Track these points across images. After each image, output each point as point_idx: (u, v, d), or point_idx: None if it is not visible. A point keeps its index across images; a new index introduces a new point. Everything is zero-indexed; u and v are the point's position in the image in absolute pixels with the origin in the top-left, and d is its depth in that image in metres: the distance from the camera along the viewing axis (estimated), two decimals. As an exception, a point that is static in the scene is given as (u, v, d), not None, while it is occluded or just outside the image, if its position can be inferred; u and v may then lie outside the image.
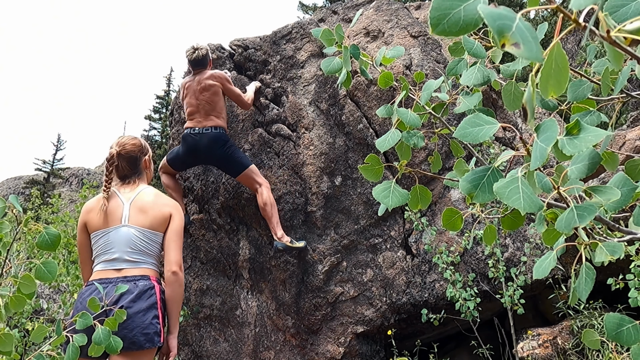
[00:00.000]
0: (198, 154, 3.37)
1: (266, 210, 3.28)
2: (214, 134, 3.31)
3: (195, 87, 3.40)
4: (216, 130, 3.32)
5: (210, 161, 3.43)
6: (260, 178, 3.37)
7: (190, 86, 3.43)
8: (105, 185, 2.12)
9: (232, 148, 3.36)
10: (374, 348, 3.39)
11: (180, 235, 2.09)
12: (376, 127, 3.46)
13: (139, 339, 1.85)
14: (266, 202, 3.27)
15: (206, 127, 3.33)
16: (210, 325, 3.70)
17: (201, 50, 3.43)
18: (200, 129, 3.33)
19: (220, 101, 3.40)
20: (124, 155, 2.18)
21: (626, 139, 3.87)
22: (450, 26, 0.49)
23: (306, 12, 15.46)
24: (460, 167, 1.17)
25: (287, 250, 3.25)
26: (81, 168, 19.21)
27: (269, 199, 3.29)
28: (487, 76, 1.11)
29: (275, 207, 3.31)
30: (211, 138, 3.30)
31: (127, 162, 2.19)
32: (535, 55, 0.46)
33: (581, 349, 2.93)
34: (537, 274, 0.88)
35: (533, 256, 3.09)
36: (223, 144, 3.32)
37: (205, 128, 3.33)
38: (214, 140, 3.30)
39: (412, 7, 4.42)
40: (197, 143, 3.33)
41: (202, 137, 3.31)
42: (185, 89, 3.49)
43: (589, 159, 0.75)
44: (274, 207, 3.30)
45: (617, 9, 0.66)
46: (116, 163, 2.17)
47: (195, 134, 3.33)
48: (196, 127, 3.35)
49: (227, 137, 3.39)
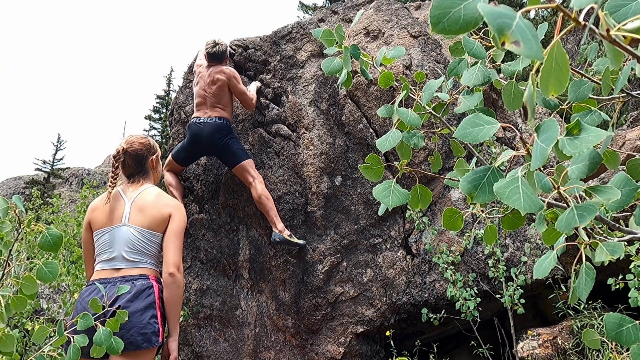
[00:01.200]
0: (201, 142, 3.47)
1: (262, 203, 3.33)
2: (217, 123, 3.44)
3: (206, 78, 3.56)
4: (220, 120, 3.46)
5: (212, 150, 3.52)
6: (255, 172, 3.43)
7: (203, 76, 3.59)
8: (110, 182, 2.12)
9: (233, 140, 3.46)
10: (374, 348, 3.39)
11: (179, 236, 2.07)
12: (376, 127, 3.46)
13: (136, 339, 1.84)
14: (260, 195, 3.33)
15: (211, 117, 3.48)
16: (210, 325, 3.70)
17: (221, 46, 3.61)
18: (205, 119, 3.47)
19: (226, 95, 3.53)
20: (131, 152, 2.18)
21: (626, 139, 3.87)
22: (450, 25, 0.49)
23: (306, 12, 15.46)
24: (461, 167, 1.17)
25: (284, 243, 3.26)
26: (81, 168, 19.19)
27: (263, 191, 3.35)
28: (488, 76, 1.11)
29: (271, 200, 3.36)
30: (214, 127, 3.43)
31: (133, 160, 2.19)
32: (535, 53, 0.46)
33: (581, 349, 2.93)
34: (537, 274, 0.88)
35: (533, 256, 3.09)
36: (225, 134, 3.44)
37: (209, 118, 3.47)
38: (216, 129, 3.42)
39: (412, 7, 4.42)
40: (200, 131, 3.45)
41: (205, 126, 3.44)
42: (198, 76, 3.65)
43: (590, 159, 0.75)
44: (269, 200, 3.35)
45: (617, 8, 0.66)
46: (122, 159, 2.17)
47: (200, 123, 3.47)
48: (201, 117, 3.49)
49: (230, 128, 3.50)
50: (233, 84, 3.51)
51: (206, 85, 3.53)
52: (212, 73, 3.53)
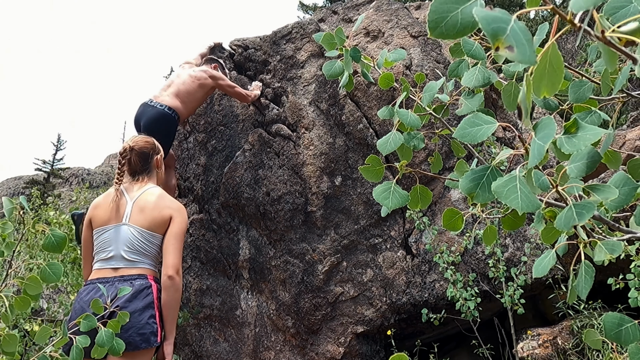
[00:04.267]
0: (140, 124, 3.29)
1: None
2: (164, 112, 3.23)
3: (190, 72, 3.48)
4: (169, 110, 3.25)
5: None
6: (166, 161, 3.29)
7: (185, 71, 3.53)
8: (116, 179, 2.14)
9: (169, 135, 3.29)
10: (374, 348, 3.39)
11: (179, 239, 2.07)
12: (376, 127, 3.46)
13: (134, 339, 1.83)
14: None
15: (162, 103, 3.27)
16: (210, 325, 3.71)
17: None
18: (156, 102, 3.27)
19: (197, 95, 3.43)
20: (137, 150, 2.21)
21: (626, 139, 3.87)
22: (448, 29, 0.50)
23: (306, 12, 15.46)
24: (461, 168, 1.18)
25: None
26: (81, 168, 19.17)
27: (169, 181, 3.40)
28: (488, 77, 1.11)
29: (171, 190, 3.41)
30: (159, 114, 3.22)
31: (138, 158, 2.21)
32: (528, 58, 0.46)
33: (581, 349, 2.94)
34: (537, 273, 0.88)
35: (533, 256, 3.10)
36: (167, 126, 3.25)
37: (160, 103, 3.26)
38: (161, 117, 3.21)
39: (412, 7, 4.42)
40: (144, 113, 3.26)
41: (152, 109, 3.24)
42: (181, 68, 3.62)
43: (588, 158, 0.75)
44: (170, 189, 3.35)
45: (616, 10, 0.66)
46: (128, 157, 2.20)
47: (149, 104, 3.27)
48: (153, 100, 3.30)
49: (175, 123, 3.31)
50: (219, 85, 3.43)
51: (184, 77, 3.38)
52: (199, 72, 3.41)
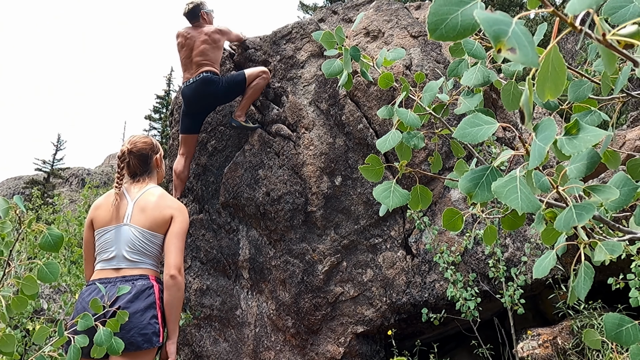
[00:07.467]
0: (195, 98, 3.68)
1: (251, 88, 3.63)
2: (205, 77, 3.61)
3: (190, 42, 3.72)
4: (207, 74, 3.63)
5: (208, 100, 3.74)
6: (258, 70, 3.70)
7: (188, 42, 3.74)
8: (116, 182, 2.13)
9: (226, 80, 3.68)
10: (374, 348, 3.39)
11: (180, 238, 2.07)
12: (376, 127, 3.46)
13: (136, 339, 1.83)
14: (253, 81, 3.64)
15: (198, 74, 3.64)
16: (210, 325, 3.71)
17: (192, 3, 3.76)
18: (194, 78, 3.64)
19: (213, 53, 3.72)
20: (135, 152, 2.19)
21: (626, 139, 3.87)
22: (447, 31, 0.49)
23: (306, 12, 15.46)
24: (461, 168, 1.17)
25: (240, 129, 3.69)
26: (81, 168, 19.19)
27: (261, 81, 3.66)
28: (488, 77, 1.11)
29: (257, 92, 3.67)
30: (203, 80, 3.61)
31: (138, 160, 2.20)
32: (531, 60, 0.46)
33: (581, 349, 2.93)
34: (537, 273, 0.88)
35: (533, 256, 3.10)
36: (216, 84, 3.64)
37: (197, 76, 3.64)
38: (206, 81, 3.60)
39: (412, 7, 4.42)
40: (191, 89, 3.65)
41: (195, 84, 3.63)
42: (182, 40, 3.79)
43: (588, 158, 0.75)
44: (256, 91, 3.65)
45: (615, 10, 0.66)
46: (127, 160, 2.18)
47: (190, 84, 3.65)
48: (190, 78, 3.66)
49: (218, 77, 3.68)
50: (219, 38, 3.68)
51: (190, 49, 3.66)
52: (194, 37, 3.67)
